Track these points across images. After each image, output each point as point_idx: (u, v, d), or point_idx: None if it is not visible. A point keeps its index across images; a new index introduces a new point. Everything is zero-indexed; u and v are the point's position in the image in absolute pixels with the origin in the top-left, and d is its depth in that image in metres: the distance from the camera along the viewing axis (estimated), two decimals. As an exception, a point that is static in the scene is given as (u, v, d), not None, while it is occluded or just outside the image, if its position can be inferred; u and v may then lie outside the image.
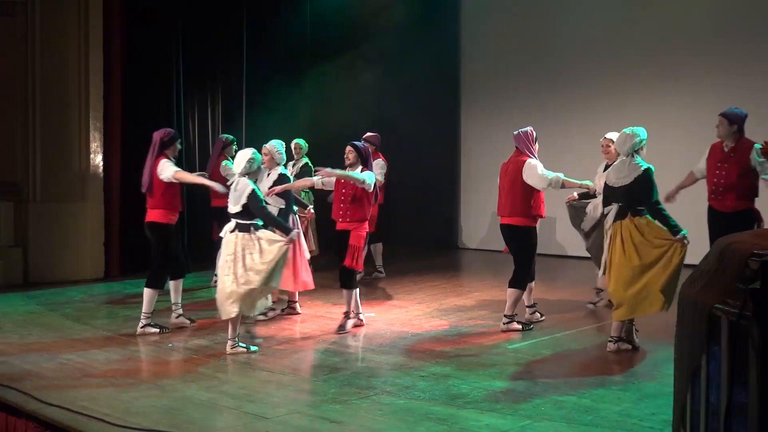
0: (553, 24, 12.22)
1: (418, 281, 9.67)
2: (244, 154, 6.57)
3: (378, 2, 12.36)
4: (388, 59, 12.42)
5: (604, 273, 6.57)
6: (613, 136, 7.44)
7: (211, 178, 8.87)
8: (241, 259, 6.31)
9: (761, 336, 2.52)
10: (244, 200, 6.38)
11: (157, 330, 7.18)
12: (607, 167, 7.53)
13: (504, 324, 7.08)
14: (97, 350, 6.61)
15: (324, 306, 8.37)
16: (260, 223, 6.47)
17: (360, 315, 7.42)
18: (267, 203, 6.81)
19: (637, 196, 6.16)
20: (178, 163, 9.04)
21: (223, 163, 9.21)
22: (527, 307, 7.48)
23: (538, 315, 7.50)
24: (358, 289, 7.32)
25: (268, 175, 7.61)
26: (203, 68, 11.43)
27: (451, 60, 13.50)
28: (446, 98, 13.46)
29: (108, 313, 8.26)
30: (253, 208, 6.39)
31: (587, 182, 7.32)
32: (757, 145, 6.83)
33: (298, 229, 7.27)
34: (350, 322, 7.29)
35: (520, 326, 7.11)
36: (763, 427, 2.52)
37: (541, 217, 7.16)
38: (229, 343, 6.48)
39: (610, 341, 6.33)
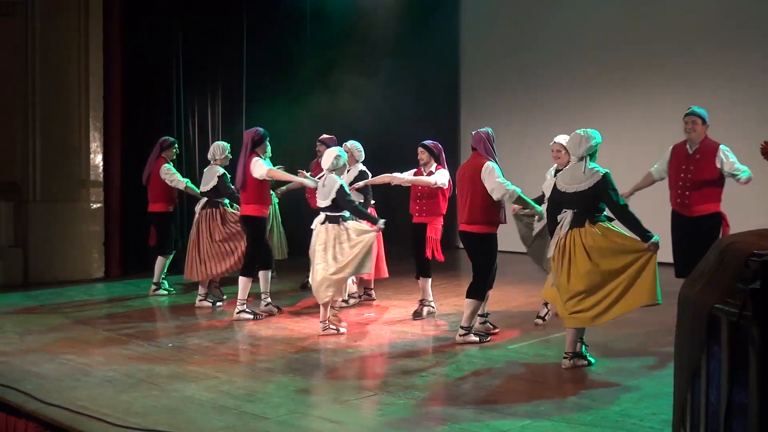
0: (554, 25, 12.23)
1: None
2: (332, 152, 7.10)
3: (378, 3, 12.36)
4: (388, 60, 12.41)
5: (552, 283, 5.99)
6: (563, 140, 7.14)
7: (149, 179, 8.92)
8: (332, 248, 6.89)
9: (761, 336, 2.52)
10: (333, 195, 6.91)
11: (251, 317, 7.65)
12: (557, 172, 7.04)
13: (460, 336, 6.66)
14: (97, 350, 6.61)
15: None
16: (347, 215, 6.99)
17: (432, 303, 7.92)
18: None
19: (594, 203, 5.76)
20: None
21: (165, 165, 8.96)
22: (479, 316, 6.97)
23: (490, 326, 7.07)
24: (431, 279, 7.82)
25: (348, 171, 8.05)
26: (203, 68, 11.43)
27: (451, 62, 13.51)
28: (446, 99, 13.46)
29: (108, 313, 8.26)
30: (341, 202, 6.92)
31: (539, 209, 6.84)
32: (723, 147, 6.64)
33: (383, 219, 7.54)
34: (426, 309, 7.82)
35: (477, 338, 6.68)
36: (763, 427, 2.52)
37: (502, 222, 6.71)
38: (321, 325, 7.04)
39: (565, 358, 5.88)
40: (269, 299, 7.95)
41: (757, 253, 2.63)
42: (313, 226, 7.17)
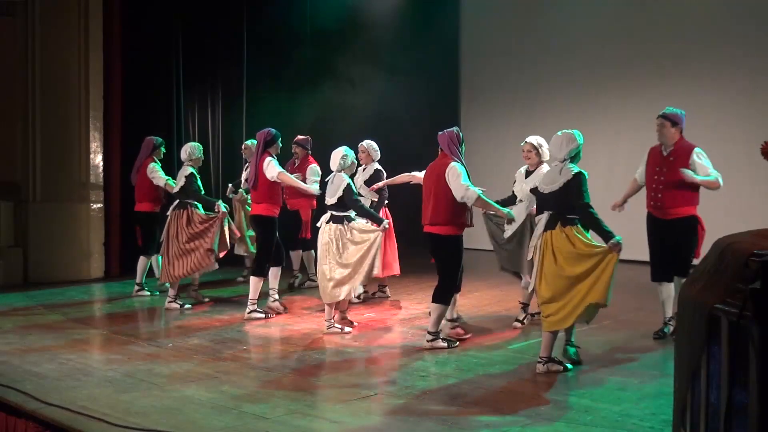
0: (554, 24, 12.22)
1: (418, 281, 9.66)
2: (338, 152, 7.16)
3: (378, 3, 12.37)
4: (387, 60, 12.43)
5: (531, 287, 5.93)
6: (534, 140, 7.05)
7: (137, 178, 8.94)
8: (337, 249, 6.93)
9: (761, 336, 2.52)
10: (339, 193, 6.98)
11: (263, 315, 7.74)
12: (528, 173, 7.09)
13: (428, 342, 6.49)
14: (97, 350, 6.62)
15: (322, 306, 8.38)
16: (353, 214, 7.04)
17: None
18: (361, 195, 7.46)
19: (567, 203, 5.66)
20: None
21: (151, 165, 8.95)
22: (448, 321, 6.85)
23: (461, 331, 6.89)
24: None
25: (364, 169, 8.28)
26: (203, 68, 11.44)
27: (451, 60, 13.50)
28: (446, 99, 13.46)
29: (108, 313, 8.27)
30: (347, 200, 6.99)
31: (508, 211, 6.60)
32: (698, 149, 6.50)
33: (389, 219, 7.73)
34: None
35: (445, 344, 6.51)
36: (763, 427, 2.52)
37: (468, 225, 6.53)
38: (326, 323, 7.12)
39: (539, 362, 5.78)
40: (277, 296, 8.00)
41: (757, 253, 2.63)
42: (318, 224, 7.21)
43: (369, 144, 8.46)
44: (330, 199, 7.07)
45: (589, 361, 6.07)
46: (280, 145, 7.90)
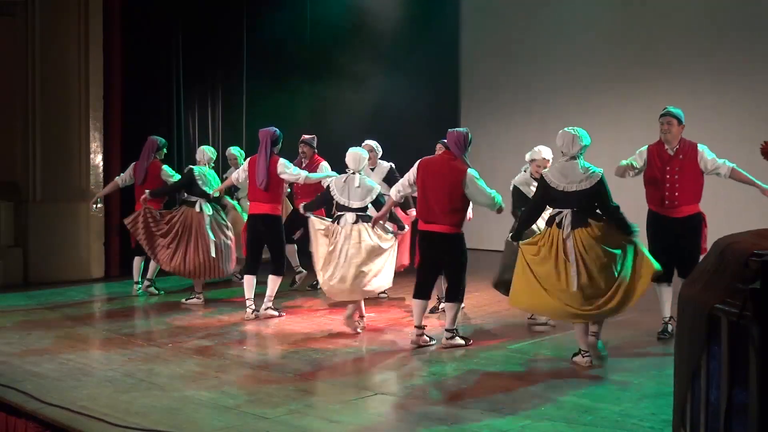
0: (554, 24, 12.23)
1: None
2: (357, 153, 7.24)
3: (378, 3, 12.37)
4: (387, 60, 12.42)
5: (574, 286, 5.76)
6: (548, 155, 7.11)
7: (145, 179, 8.90)
8: (371, 246, 6.95)
9: (761, 336, 2.52)
10: (372, 197, 7.10)
11: (277, 314, 7.78)
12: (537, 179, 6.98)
13: (446, 339, 6.55)
14: (97, 350, 6.61)
15: (324, 305, 8.38)
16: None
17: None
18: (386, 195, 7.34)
19: (593, 202, 5.83)
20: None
21: (164, 167, 8.98)
22: (416, 327, 6.69)
23: (426, 338, 6.68)
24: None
25: (373, 170, 8.34)
26: (203, 68, 11.43)
27: (451, 60, 13.50)
28: (446, 99, 13.46)
29: (108, 313, 8.27)
30: (379, 204, 7.09)
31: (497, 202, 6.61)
32: (701, 146, 6.59)
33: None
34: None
35: (463, 341, 6.60)
36: (763, 427, 2.52)
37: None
38: (346, 321, 7.17)
39: (580, 355, 5.91)
40: (270, 304, 7.90)
41: (757, 253, 2.63)
42: (340, 226, 7.03)
43: (375, 144, 8.55)
44: (356, 202, 7.06)
45: (589, 361, 6.08)
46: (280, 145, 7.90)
